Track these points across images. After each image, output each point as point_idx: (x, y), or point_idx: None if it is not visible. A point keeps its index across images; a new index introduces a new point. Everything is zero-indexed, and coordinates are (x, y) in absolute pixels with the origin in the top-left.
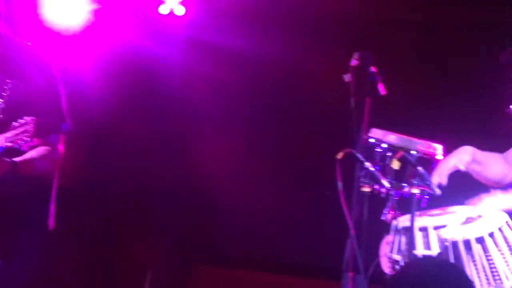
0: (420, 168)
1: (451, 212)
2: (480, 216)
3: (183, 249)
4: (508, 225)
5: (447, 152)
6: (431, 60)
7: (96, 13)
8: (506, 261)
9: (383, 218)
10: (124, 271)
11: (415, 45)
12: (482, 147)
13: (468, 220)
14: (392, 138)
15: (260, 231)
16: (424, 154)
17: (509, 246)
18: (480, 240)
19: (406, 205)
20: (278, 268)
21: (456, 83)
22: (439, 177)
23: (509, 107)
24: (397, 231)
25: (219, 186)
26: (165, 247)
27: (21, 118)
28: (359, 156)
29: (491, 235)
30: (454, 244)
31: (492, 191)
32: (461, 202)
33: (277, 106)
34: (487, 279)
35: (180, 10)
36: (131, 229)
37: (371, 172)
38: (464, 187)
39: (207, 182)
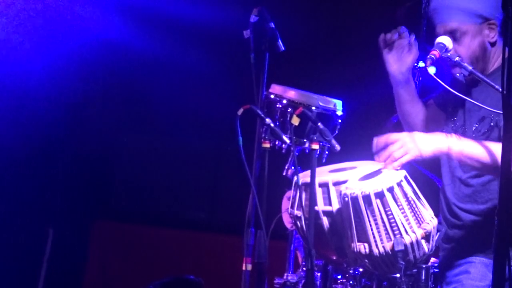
0: (320, 124)
1: (351, 168)
2: (380, 171)
3: (83, 206)
4: (407, 180)
5: (346, 107)
6: (330, 14)
7: None
8: (405, 216)
9: (284, 174)
10: (26, 230)
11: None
12: (382, 101)
13: (368, 176)
14: (292, 93)
15: (162, 187)
16: (324, 109)
17: (408, 201)
18: (379, 195)
19: (306, 160)
20: (179, 222)
21: (356, 37)
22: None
23: None
24: (298, 187)
25: (114, 142)
26: (64, 205)
27: None
28: (259, 112)
29: (390, 189)
30: (354, 199)
31: None
32: (363, 158)
33: (176, 62)
34: (387, 234)
35: None
36: (30, 189)
37: (271, 128)
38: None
39: (103, 139)
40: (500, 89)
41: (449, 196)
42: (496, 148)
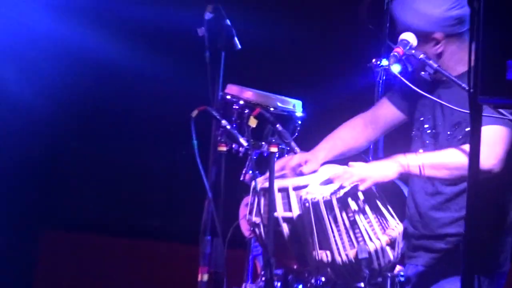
0: (278, 126)
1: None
2: None
3: (31, 215)
4: None
5: (306, 108)
6: (289, 13)
7: None
8: (369, 222)
9: (241, 178)
10: None
11: None
12: (343, 102)
13: (330, 180)
14: (249, 94)
15: (114, 194)
16: (283, 110)
17: (371, 206)
18: (341, 200)
19: (265, 164)
20: (132, 231)
21: (316, 36)
22: None
23: (370, 61)
24: (256, 192)
25: (64, 149)
26: (11, 215)
27: None
28: (215, 113)
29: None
30: (315, 204)
31: None
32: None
33: (125, 63)
34: (350, 241)
35: None
36: None
37: (227, 130)
38: None
39: (52, 146)
40: (467, 88)
41: (419, 203)
42: (462, 150)
